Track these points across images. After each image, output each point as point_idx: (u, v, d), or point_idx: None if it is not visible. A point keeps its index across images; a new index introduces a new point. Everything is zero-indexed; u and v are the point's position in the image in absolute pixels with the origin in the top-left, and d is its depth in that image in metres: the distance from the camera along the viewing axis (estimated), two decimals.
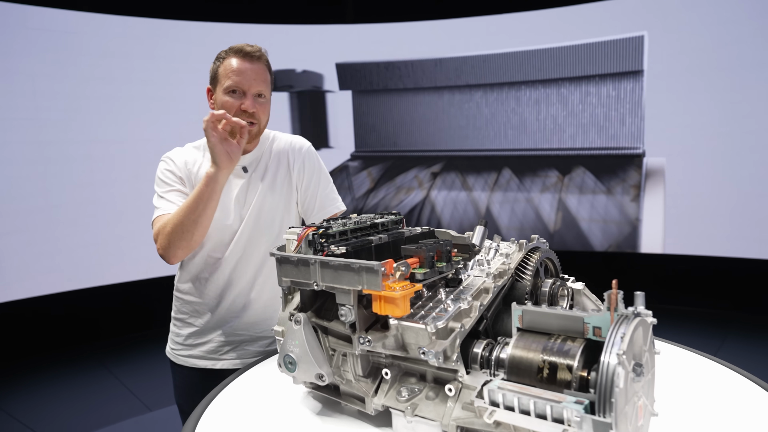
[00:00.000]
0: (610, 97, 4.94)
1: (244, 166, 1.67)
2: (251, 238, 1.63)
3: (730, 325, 4.59)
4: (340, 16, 5.53)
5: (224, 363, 1.66)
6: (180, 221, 1.45)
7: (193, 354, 1.68)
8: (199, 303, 1.66)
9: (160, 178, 1.63)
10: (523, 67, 5.15)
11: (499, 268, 1.09)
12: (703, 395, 1.13)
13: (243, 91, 1.57)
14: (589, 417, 0.76)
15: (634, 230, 4.98)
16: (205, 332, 1.67)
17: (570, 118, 5.11)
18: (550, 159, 5.23)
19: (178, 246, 1.47)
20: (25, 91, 4.16)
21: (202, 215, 1.45)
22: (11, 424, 3.39)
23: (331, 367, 1.08)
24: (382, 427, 1.05)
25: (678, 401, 1.10)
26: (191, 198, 1.46)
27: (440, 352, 0.91)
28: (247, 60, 1.58)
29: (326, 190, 1.77)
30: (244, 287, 1.65)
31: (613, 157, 5.01)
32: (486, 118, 5.35)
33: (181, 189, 1.60)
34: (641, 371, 0.82)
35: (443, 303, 1.02)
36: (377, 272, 0.92)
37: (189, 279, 1.67)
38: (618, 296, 0.86)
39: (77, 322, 4.63)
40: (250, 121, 1.58)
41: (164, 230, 1.48)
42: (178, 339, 1.70)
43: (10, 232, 4.13)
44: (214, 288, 1.64)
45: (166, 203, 1.56)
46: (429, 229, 1.21)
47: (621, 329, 0.81)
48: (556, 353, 0.86)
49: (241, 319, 1.66)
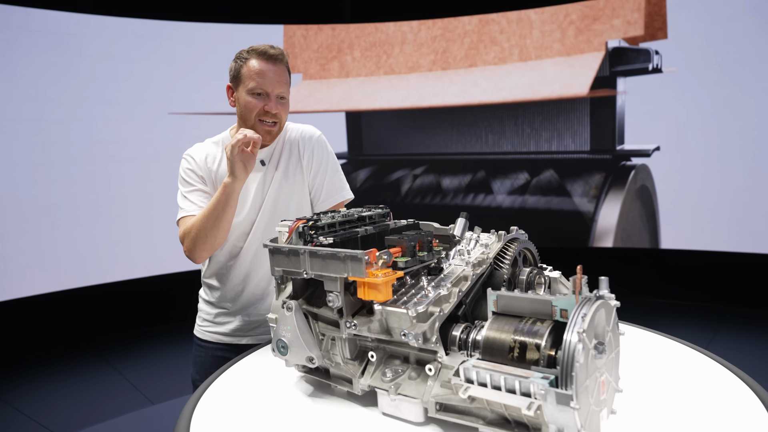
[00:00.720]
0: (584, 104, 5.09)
1: (261, 160, 1.75)
2: (268, 227, 1.72)
3: (723, 318, 4.66)
4: (338, 16, 5.59)
5: (249, 339, 1.78)
6: (202, 226, 1.57)
7: (219, 331, 1.79)
8: (224, 290, 1.76)
9: (182, 177, 1.72)
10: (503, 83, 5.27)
11: (479, 258, 1.16)
12: (673, 378, 1.20)
13: (266, 93, 1.65)
14: (553, 390, 0.83)
15: (587, 227, 5.13)
16: (234, 313, 1.78)
17: (546, 123, 5.24)
18: (523, 162, 5.37)
19: (203, 249, 1.60)
20: (27, 92, 4.23)
21: (221, 221, 1.56)
22: (16, 417, 3.48)
23: (321, 351, 1.16)
24: (369, 407, 1.12)
25: (648, 382, 1.17)
26: (211, 205, 1.57)
27: (420, 334, 0.98)
28: (270, 62, 1.66)
29: (334, 178, 1.84)
30: (263, 275, 1.74)
31: (582, 161, 5.14)
32: (469, 122, 5.49)
33: (202, 189, 1.70)
34: (603, 349, 0.89)
35: (425, 290, 1.09)
36: (361, 260, 0.99)
37: (214, 269, 1.78)
38: (582, 281, 0.93)
39: (80, 318, 4.72)
40: (273, 121, 1.68)
41: (189, 234, 1.60)
42: (208, 317, 1.81)
43: (14, 232, 4.21)
44: (236, 277, 1.74)
45: (189, 204, 1.67)
46: (413, 222, 1.28)
47: (583, 310, 0.88)
48: (526, 334, 0.93)
49: (260, 306, 1.76)
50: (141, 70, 4.69)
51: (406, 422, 1.04)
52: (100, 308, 4.77)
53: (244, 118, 1.68)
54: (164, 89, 4.78)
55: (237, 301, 1.76)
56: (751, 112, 4.50)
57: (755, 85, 4.46)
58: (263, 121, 1.67)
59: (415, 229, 1.26)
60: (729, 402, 1.07)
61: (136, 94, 4.68)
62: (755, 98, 4.46)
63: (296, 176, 1.77)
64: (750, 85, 4.48)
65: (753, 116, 4.49)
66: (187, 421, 1.10)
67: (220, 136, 1.79)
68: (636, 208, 5.07)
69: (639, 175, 5.02)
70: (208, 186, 1.72)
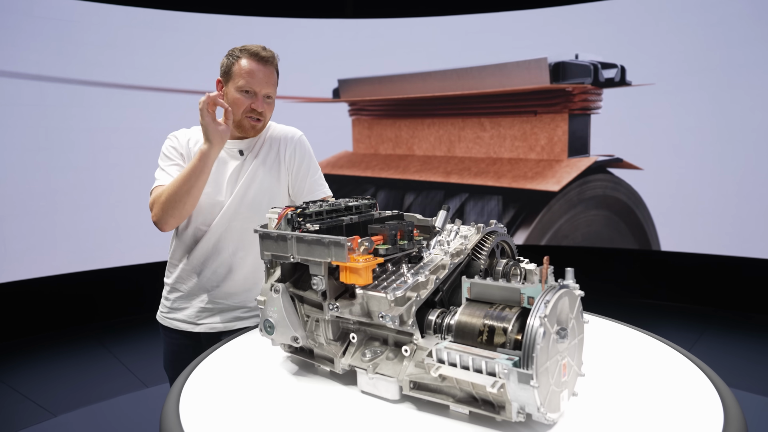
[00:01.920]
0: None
1: (240, 149, 1.82)
2: (237, 212, 1.78)
3: (710, 320, 4.73)
4: (339, 10, 5.64)
5: (202, 327, 1.82)
6: (174, 191, 1.62)
7: (177, 317, 1.84)
8: (186, 269, 1.82)
9: (164, 152, 1.80)
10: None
11: (457, 248, 1.22)
12: (642, 370, 1.26)
13: (254, 92, 1.74)
14: (515, 370, 0.90)
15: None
16: (189, 297, 1.82)
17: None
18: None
19: (171, 215, 1.65)
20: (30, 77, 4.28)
21: (194, 187, 1.62)
22: (13, 396, 3.55)
23: (306, 332, 1.22)
24: (349, 385, 1.19)
25: (617, 372, 1.23)
26: (185, 171, 1.63)
27: (396, 317, 1.05)
28: (261, 63, 1.74)
29: (314, 176, 1.92)
30: (226, 258, 1.79)
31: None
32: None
33: (181, 164, 1.76)
34: (565, 334, 0.96)
35: (404, 276, 1.15)
36: (343, 246, 1.05)
37: (179, 247, 1.83)
38: (548, 270, 1.00)
39: (77, 302, 4.79)
40: (257, 118, 1.77)
41: (159, 199, 1.65)
42: (167, 303, 1.87)
43: (14, 215, 4.27)
44: (199, 255, 1.79)
45: (165, 176, 1.73)
46: (398, 213, 1.35)
47: (546, 297, 0.95)
48: (495, 319, 1.00)
49: (221, 288, 1.80)
50: (144, 59, 4.74)
51: (383, 399, 1.11)
52: (96, 292, 4.84)
53: (231, 112, 1.75)
54: (166, 78, 4.83)
55: (196, 283, 1.81)
56: (743, 117, 4.56)
57: (746, 91, 4.52)
58: (249, 117, 1.76)
59: (399, 220, 1.32)
60: (688, 392, 1.13)
61: (138, 83, 4.73)
62: (747, 103, 4.52)
63: (272, 170, 1.84)
64: (741, 89, 4.54)
65: (746, 120, 4.55)
66: (176, 397, 1.16)
67: None
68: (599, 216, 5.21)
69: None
70: (187, 164, 1.75)
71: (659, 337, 1.46)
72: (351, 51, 5.48)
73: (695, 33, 4.69)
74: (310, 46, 5.34)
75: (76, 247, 4.57)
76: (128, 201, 4.70)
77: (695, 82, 4.71)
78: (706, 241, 4.80)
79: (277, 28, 5.25)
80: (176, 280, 1.84)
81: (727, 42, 4.56)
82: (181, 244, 1.82)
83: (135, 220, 4.65)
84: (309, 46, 5.33)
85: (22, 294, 4.46)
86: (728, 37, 4.55)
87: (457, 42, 5.42)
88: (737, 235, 4.65)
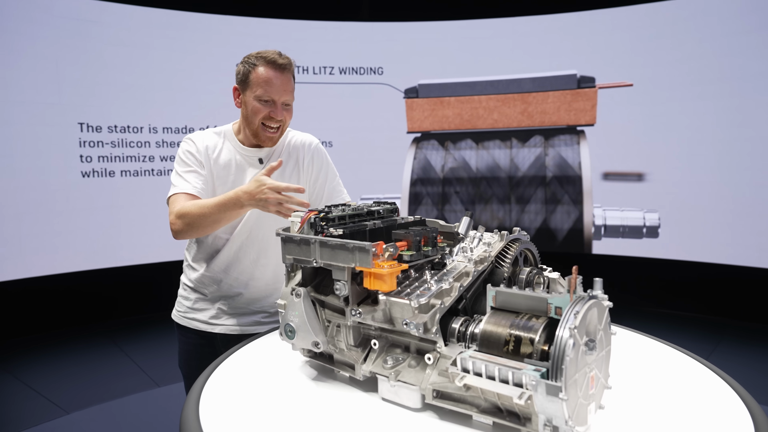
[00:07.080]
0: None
1: (260, 158, 1.82)
2: (258, 221, 1.77)
3: (726, 330, 4.67)
4: (354, 13, 5.64)
5: (220, 328, 1.81)
6: (201, 216, 1.59)
7: (195, 318, 1.83)
8: (207, 275, 1.81)
9: (181, 157, 1.76)
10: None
11: (481, 255, 1.21)
12: (666, 381, 1.24)
13: (273, 101, 1.73)
14: (543, 381, 0.88)
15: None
16: (210, 301, 1.82)
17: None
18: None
19: (192, 234, 1.65)
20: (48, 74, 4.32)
21: (220, 221, 1.62)
22: (26, 392, 3.58)
23: (327, 337, 1.21)
24: (369, 392, 1.17)
25: (641, 384, 1.21)
26: (216, 204, 1.58)
27: (421, 324, 1.04)
28: (278, 71, 1.72)
29: (333, 183, 1.93)
30: (247, 265, 1.79)
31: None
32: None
33: (199, 171, 1.74)
34: (593, 346, 0.94)
35: (428, 283, 1.14)
36: (368, 252, 1.04)
37: (199, 252, 1.82)
38: (577, 281, 0.98)
39: (91, 300, 4.82)
40: (276, 126, 1.76)
41: (184, 218, 1.61)
42: (186, 303, 1.85)
43: (30, 213, 4.31)
44: (220, 263, 1.79)
45: (183, 182, 1.71)
46: (420, 218, 1.33)
47: (576, 308, 0.93)
48: (522, 329, 0.98)
49: (242, 295, 1.81)
50: (159, 59, 4.77)
51: (404, 408, 1.10)
52: (109, 291, 4.87)
53: (249, 120, 1.75)
54: (181, 78, 4.86)
55: (216, 289, 1.81)
56: (758, 126, 4.50)
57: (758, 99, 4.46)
58: (266, 127, 1.75)
59: (422, 226, 1.31)
60: (717, 408, 1.10)
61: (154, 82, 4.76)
62: (761, 111, 4.47)
63: (292, 178, 1.84)
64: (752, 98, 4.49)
65: (759, 129, 4.49)
66: (196, 399, 1.16)
67: (222, 128, 1.85)
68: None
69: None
70: (205, 171, 1.75)
71: (682, 348, 1.44)
72: (365, 54, 5.49)
73: (697, 42, 4.64)
74: (324, 48, 5.35)
75: (90, 244, 4.60)
76: (142, 199, 4.73)
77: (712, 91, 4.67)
78: (718, 251, 4.74)
79: (295, 29, 5.27)
80: (196, 284, 1.83)
81: (730, 52, 4.53)
82: (202, 251, 1.82)
83: (150, 218, 4.68)
84: (323, 47, 5.35)
85: (36, 291, 4.49)
86: (732, 46, 4.52)
87: (475, 47, 5.41)
88: (752, 245, 4.59)
